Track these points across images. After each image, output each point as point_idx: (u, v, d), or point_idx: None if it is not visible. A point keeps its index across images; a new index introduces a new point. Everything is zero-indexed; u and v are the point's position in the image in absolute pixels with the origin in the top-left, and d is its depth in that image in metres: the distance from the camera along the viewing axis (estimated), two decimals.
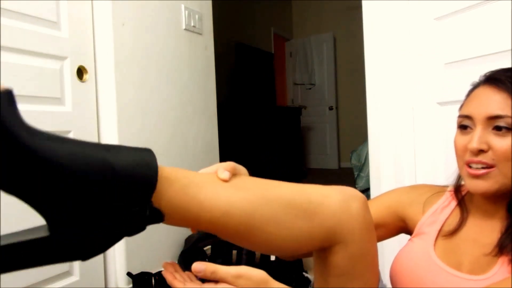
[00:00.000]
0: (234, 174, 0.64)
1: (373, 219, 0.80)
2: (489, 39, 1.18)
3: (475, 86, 0.74)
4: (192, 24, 2.12)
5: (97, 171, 0.50)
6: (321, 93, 5.97)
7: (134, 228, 0.54)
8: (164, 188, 0.55)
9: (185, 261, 1.85)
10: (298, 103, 6.01)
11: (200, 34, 2.20)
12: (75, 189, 0.49)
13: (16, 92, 0.49)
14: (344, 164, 5.84)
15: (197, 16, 2.16)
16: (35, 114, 1.43)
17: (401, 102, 1.50)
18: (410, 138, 1.48)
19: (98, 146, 0.53)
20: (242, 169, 0.69)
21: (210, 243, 1.95)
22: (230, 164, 0.65)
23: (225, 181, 0.61)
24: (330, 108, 5.89)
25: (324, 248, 0.65)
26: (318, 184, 0.67)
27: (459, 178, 0.81)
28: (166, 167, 0.59)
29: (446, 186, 0.86)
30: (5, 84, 0.46)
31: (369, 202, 0.88)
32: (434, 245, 0.77)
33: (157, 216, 0.55)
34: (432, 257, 0.75)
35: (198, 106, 2.18)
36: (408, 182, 1.45)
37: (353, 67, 5.59)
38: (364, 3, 1.60)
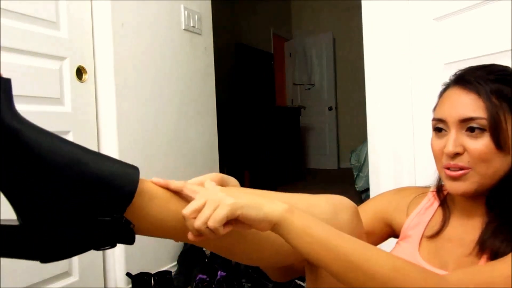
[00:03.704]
0: (222, 186, 0.64)
1: None
2: (488, 39, 1.18)
3: (446, 87, 0.75)
4: (192, 25, 2.12)
5: (72, 169, 0.49)
6: (321, 93, 5.97)
7: (102, 240, 0.52)
8: (145, 202, 0.55)
9: (184, 261, 1.85)
10: (298, 103, 6.01)
11: (200, 34, 2.20)
12: (47, 181, 0.48)
13: (15, 92, 0.49)
14: (343, 165, 5.84)
15: (196, 17, 2.16)
16: (34, 115, 1.42)
17: (400, 102, 1.50)
18: (410, 138, 1.48)
19: (85, 150, 0.52)
20: (232, 180, 0.69)
21: None
22: (217, 176, 0.65)
23: None
24: (330, 108, 5.89)
25: None
26: (309, 194, 0.67)
27: (439, 180, 0.81)
28: (150, 181, 0.58)
29: (429, 187, 0.86)
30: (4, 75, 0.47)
31: None
32: (419, 247, 0.77)
33: (129, 234, 0.54)
34: (417, 260, 0.75)
35: (198, 106, 2.18)
36: (407, 182, 1.45)
37: (353, 67, 5.59)
38: (363, 3, 1.60)
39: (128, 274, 1.64)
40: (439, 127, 0.72)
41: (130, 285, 1.66)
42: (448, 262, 0.73)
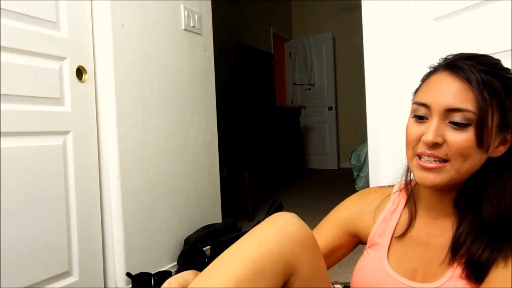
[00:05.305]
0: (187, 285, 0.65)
1: (329, 244, 0.82)
2: (488, 39, 1.18)
3: (433, 71, 0.69)
4: (192, 24, 2.12)
5: None
6: (321, 93, 5.97)
7: None
8: None
9: (184, 261, 1.85)
10: (298, 103, 6.01)
11: (200, 34, 2.20)
12: None
13: (15, 92, 0.49)
14: (343, 165, 5.84)
15: (196, 16, 2.16)
16: (34, 115, 1.43)
17: (400, 102, 1.50)
18: None
19: None
20: (189, 276, 0.69)
21: (209, 243, 1.95)
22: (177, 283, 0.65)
23: None
24: (330, 108, 5.89)
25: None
26: (254, 232, 0.67)
27: (408, 173, 0.78)
28: None
29: (392, 186, 0.84)
30: None
31: (320, 224, 0.87)
32: (388, 255, 0.75)
33: None
34: (386, 269, 0.73)
35: (198, 106, 2.18)
36: None
37: (353, 67, 5.59)
38: (363, 3, 1.60)
39: (128, 274, 1.64)
40: (420, 115, 0.67)
41: (130, 285, 1.66)
42: (417, 270, 0.71)
